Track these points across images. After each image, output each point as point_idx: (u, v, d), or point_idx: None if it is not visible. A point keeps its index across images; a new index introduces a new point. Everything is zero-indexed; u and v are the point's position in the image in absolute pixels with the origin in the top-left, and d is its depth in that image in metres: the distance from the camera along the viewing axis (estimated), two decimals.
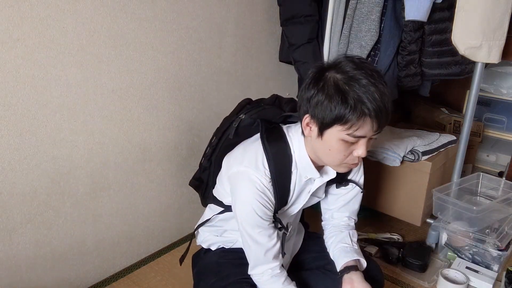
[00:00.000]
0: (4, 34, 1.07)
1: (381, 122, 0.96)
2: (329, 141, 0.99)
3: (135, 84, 1.41)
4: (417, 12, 1.51)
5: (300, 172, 1.11)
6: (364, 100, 0.93)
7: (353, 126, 0.95)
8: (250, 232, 1.09)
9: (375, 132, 0.98)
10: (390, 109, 0.97)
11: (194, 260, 1.35)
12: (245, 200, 1.06)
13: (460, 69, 1.66)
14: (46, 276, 1.34)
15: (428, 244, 1.69)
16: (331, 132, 0.98)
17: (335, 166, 1.06)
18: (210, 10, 1.59)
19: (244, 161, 1.08)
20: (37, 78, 1.16)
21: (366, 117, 0.94)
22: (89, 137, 1.33)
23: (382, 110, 0.94)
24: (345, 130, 0.96)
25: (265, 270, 1.11)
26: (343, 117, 0.94)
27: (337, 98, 0.94)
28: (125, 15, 1.32)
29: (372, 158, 1.74)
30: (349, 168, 1.07)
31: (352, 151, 1.00)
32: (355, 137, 0.96)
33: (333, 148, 1.00)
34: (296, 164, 1.11)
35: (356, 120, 0.94)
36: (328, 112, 0.95)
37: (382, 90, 0.95)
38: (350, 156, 1.01)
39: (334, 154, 1.01)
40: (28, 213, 1.24)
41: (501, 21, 1.42)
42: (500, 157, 2.20)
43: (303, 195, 1.18)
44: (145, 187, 1.56)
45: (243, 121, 1.16)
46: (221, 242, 1.29)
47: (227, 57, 1.72)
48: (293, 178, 1.11)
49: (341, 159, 1.01)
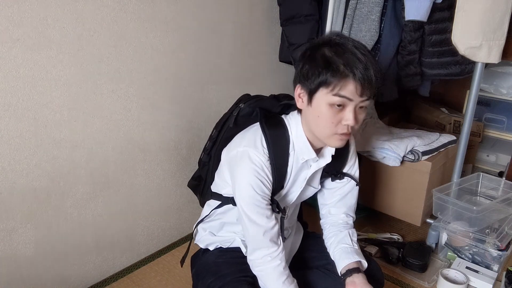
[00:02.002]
0: (4, 34, 1.07)
1: (365, 85, 0.99)
2: (318, 107, 1.03)
3: (135, 84, 1.41)
4: (417, 12, 1.51)
5: (297, 154, 1.13)
6: (346, 62, 0.99)
7: (336, 86, 0.99)
8: (248, 212, 1.09)
9: (361, 97, 1.01)
10: (377, 77, 1.01)
11: (192, 261, 1.35)
12: (244, 178, 1.09)
13: (460, 69, 1.66)
14: (46, 275, 1.34)
15: (428, 244, 1.69)
16: (319, 97, 1.02)
17: (326, 137, 1.07)
18: (210, 10, 1.59)
19: (243, 142, 1.11)
20: (37, 78, 1.16)
21: (348, 78, 0.99)
22: (89, 137, 1.33)
23: (365, 73, 0.98)
24: (330, 92, 1.00)
25: (264, 255, 1.11)
26: (327, 79, 1.00)
27: (322, 63, 1.00)
28: (125, 15, 1.32)
29: (372, 158, 1.74)
30: (340, 140, 1.07)
31: (341, 119, 1.03)
32: (340, 96, 1.00)
33: (322, 114, 1.03)
34: (293, 146, 1.13)
35: (338, 81, 0.99)
36: (315, 77, 1.01)
37: (367, 56, 1.01)
38: (339, 125, 1.03)
39: (324, 122, 1.04)
40: (28, 213, 1.24)
41: (501, 21, 1.41)
42: (500, 157, 2.19)
43: (299, 181, 1.18)
44: (145, 187, 1.56)
45: (242, 110, 1.19)
46: (218, 242, 1.29)
47: (226, 56, 1.72)
48: (290, 160, 1.13)
49: (331, 127, 1.04)
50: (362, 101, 1.02)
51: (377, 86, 1.03)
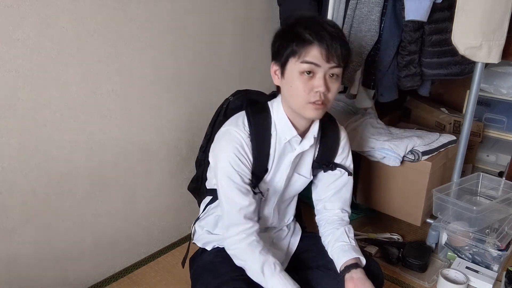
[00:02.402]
0: (4, 34, 1.07)
1: (330, 50, 1.04)
2: (290, 77, 1.08)
3: (134, 84, 1.41)
4: (417, 12, 1.51)
5: (279, 134, 1.16)
6: (311, 31, 1.04)
7: (302, 54, 1.04)
8: (225, 188, 1.12)
9: (328, 63, 1.05)
10: (343, 45, 1.06)
11: (191, 262, 1.36)
12: (223, 154, 1.12)
13: (460, 69, 1.66)
14: (46, 275, 1.34)
15: (428, 244, 1.69)
16: (289, 68, 1.07)
17: (301, 108, 1.09)
18: (210, 10, 1.59)
19: (226, 125, 1.15)
20: (37, 79, 1.16)
21: (313, 44, 1.04)
22: (89, 137, 1.33)
23: (329, 39, 1.03)
24: (297, 60, 1.05)
25: (240, 231, 1.12)
26: (293, 49, 1.05)
27: (290, 36, 1.07)
28: (124, 15, 1.32)
29: (372, 158, 1.74)
30: (315, 110, 1.08)
31: (312, 87, 1.06)
32: (307, 63, 1.04)
33: (294, 84, 1.07)
34: (275, 126, 1.16)
35: (304, 48, 1.04)
36: (284, 50, 1.07)
37: (334, 28, 1.07)
38: (311, 93, 1.06)
39: (296, 91, 1.07)
40: (28, 213, 1.24)
41: (501, 21, 1.41)
42: (500, 157, 2.19)
43: (284, 165, 1.19)
44: (145, 187, 1.56)
45: (232, 103, 1.25)
46: (215, 241, 1.30)
47: (226, 56, 1.72)
48: (272, 141, 1.15)
49: (303, 95, 1.07)
50: (330, 68, 1.06)
51: (345, 55, 1.07)
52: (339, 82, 1.11)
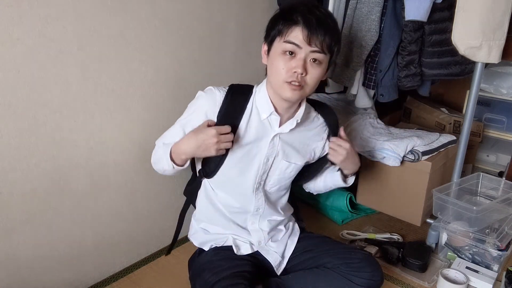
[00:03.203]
0: (4, 33, 1.07)
1: (313, 32, 1.06)
2: (274, 55, 1.12)
3: (135, 84, 1.41)
4: (417, 12, 1.51)
5: (259, 109, 1.20)
6: (299, 13, 1.08)
7: (285, 33, 1.09)
8: (176, 122, 1.25)
9: (310, 46, 1.07)
10: (328, 30, 1.08)
11: (189, 264, 1.36)
12: (194, 100, 1.25)
13: (460, 69, 1.66)
14: (46, 276, 1.34)
15: (428, 244, 1.69)
16: (275, 46, 1.12)
17: (279, 87, 1.12)
18: (211, 9, 1.59)
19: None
20: (37, 78, 1.16)
21: (297, 24, 1.07)
22: (89, 136, 1.33)
23: (314, 21, 1.06)
24: (281, 39, 1.10)
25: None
26: (279, 28, 1.10)
27: (279, 17, 1.12)
28: (125, 15, 1.32)
29: (372, 158, 1.74)
30: (291, 91, 1.11)
31: (291, 68, 1.09)
32: (289, 42, 1.08)
33: (275, 61, 1.11)
34: (255, 103, 1.20)
35: (288, 27, 1.08)
36: (272, 30, 1.13)
37: (324, 13, 1.10)
38: (289, 72, 1.09)
39: (275, 69, 1.11)
40: (28, 213, 1.24)
41: (501, 21, 1.41)
42: (500, 157, 2.20)
43: (263, 141, 1.22)
44: (145, 187, 1.56)
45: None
46: (213, 241, 1.30)
47: (227, 56, 1.72)
48: (247, 112, 1.19)
49: (281, 73, 1.10)
50: (312, 52, 1.08)
51: (330, 43, 1.09)
52: (321, 68, 1.12)
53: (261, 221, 1.32)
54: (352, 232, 1.76)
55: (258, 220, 1.32)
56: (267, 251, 1.32)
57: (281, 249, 1.34)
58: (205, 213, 1.35)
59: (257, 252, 1.32)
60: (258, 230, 1.32)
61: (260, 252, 1.32)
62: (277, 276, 1.33)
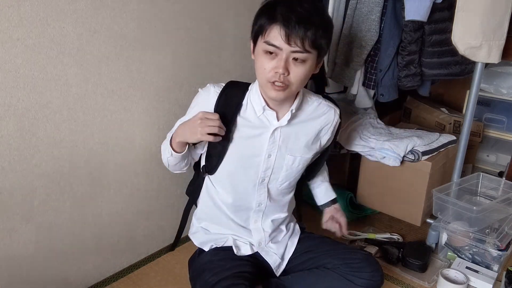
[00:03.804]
0: (4, 34, 1.07)
1: (290, 31, 1.02)
2: (257, 55, 1.11)
3: (135, 84, 1.41)
4: (417, 12, 1.51)
5: (253, 105, 1.20)
6: (279, 9, 1.04)
7: (266, 32, 1.06)
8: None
9: (290, 46, 1.04)
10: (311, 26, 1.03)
11: (189, 263, 1.36)
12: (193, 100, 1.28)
13: (460, 69, 1.66)
14: (46, 276, 1.34)
15: (428, 244, 1.69)
16: (258, 45, 1.10)
17: (264, 86, 1.12)
18: (210, 10, 1.59)
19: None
20: (37, 78, 1.16)
21: (276, 23, 1.04)
22: (89, 137, 1.33)
23: (292, 19, 1.02)
24: (262, 39, 1.07)
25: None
26: (260, 25, 1.08)
27: (261, 12, 1.10)
28: (125, 15, 1.32)
29: (372, 158, 1.74)
30: (275, 91, 1.10)
31: (273, 67, 1.07)
32: (269, 44, 1.05)
33: (258, 61, 1.10)
34: (249, 98, 1.21)
35: (268, 26, 1.05)
36: (254, 26, 1.11)
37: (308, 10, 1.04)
38: (271, 72, 1.07)
39: (259, 69, 1.10)
40: (28, 213, 1.24)
41: (501, 21, 1.42)
42: (500, 157, 2.20)
43: (263, 136, 1.21)
44: (145, 187, 1.56)
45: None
46: (213, 241, 1.30)
47: (227, 56, 1.72)
48: (243, 108, 1.21)
49: (264, 73, 1.09)
50: (293, 52, 1.05)
51: (313, 40, 1.04)
52: (305, 66, 1.08)
53: (264, 219, 1.31)
54: (352, 232, 1.76)
55: (261, 218, 1.31)
56: (266, 252, 1.32)
57: (281, 250, 1.33)
58: (206, 211, 1.35)
59: (257, 253, 1.32)
60: (260, 229, 1.31)
61: (260, 253, 1.32)
62: (276, 276, 1.33)
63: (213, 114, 1.15)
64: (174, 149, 1.21)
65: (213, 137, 1.14)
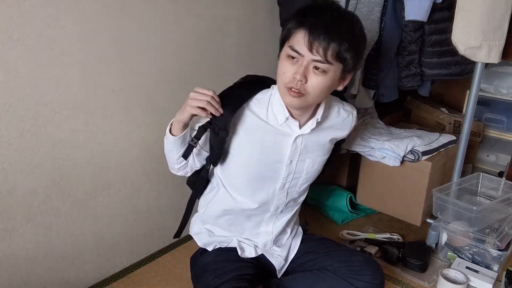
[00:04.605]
0: (4, 34, 1.07)
1: (314, 38, 1.00)
2: (281, 59, 1.09)
3: (136, 84, 1.41)
4: (417, 12, 1.51)
5: (275, 113, 1.16)
6: (305, 13, 1.04)
7: (291, 36, 1.04)
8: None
9: (311, 53, 1.01)
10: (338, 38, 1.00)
11: (191, 262, 1.36)
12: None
13: (460, 69, 1.66)
14: (46, 276, 1.34)
15: (428, 244, 1.69)
16: (283, 50, 1.08)
17: (282, 91, 1.09)
18: (212, 10, 1.59)
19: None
20: (37, 79, 1.16)
21: (301, 28, 1.02)
22: (89, 137, 1.33)
23: (316, 27, 1.00)
24: (287, 43, 1.06)
25: None
26: (287, 30, 1.06)
27: (292, 16, 1.07)
28: (126, 15, 1.32)
29: (372, 158, 1.74)
30: (290, 96, 1.07)
31: (292, 72, 1.04)
32: (292, 49, 1.03)
33: (280, 65, 1.08)
34: (272, 105, 1.16)
35: (294, 29, 1.04)
36: (284, 30, 1.09)
37: (336, 18, 1.02)
38: (290, 77, 1.05)
39: (280, 73, 1.08)
40: (28, 213, 1.24)
41: (501, 21, 1.41)
42: (500, 157, 2.20)
43: (285, 143, 1.19)
44: (145, 187, 1.56)
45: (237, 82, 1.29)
46: (217, 242, 1.30)
47: (228, 57, 1.72)
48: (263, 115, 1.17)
49: (283, 77, 1.06)
50: (314, 61, 1.02)
51: (338, 52, 1.01)
52: (325, 77, 1.04)
53: (276, 222, 1.30)
54: (352, 232, 1.76)
55: (273, 220, 1.30)
56: (271, 255, 1.32)
57: (284, 253, 1.33)
58: (213, 217, 1.32)
59: (261, 255, 1.31)
60: (269, 232, 1.30)
61: (264, 255, 1.32)
62: (277, 277, 1.33)
63: (207, 90, 1.12)
64: (171, 133, 1.18)
65: (203, 111, 1.11)
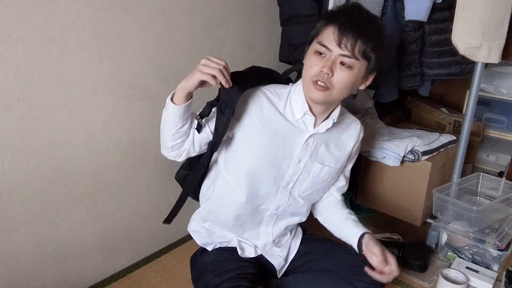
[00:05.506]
0: (4, 34, 1.07)
1: (343, 33, 1.03)
2: (308, 55, 1.11)
3: (135, 84, 1.41)
4: (417, 12, 1.51)
5: (293, 109, 1.17)
6: (337, 12, 1.09)
7: (320, 32, 1.08)
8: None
9: (340, 48, 1.04)
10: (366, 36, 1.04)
11: (192, 262, 1.35)
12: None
13: (460, 69, 1.66)
14: (46, 276, 1.34)
15: (428, 244, 1.69)
16: (311, 46, 1.11)
17: (307, 85, 1.11)
18: (211, 10, 1.59)
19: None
20: (37, 78, 1.16)
21: (331, 24, 1.06)
22: (89, 137, 1.33)
23: (346, 23, 1.04)
24: (316, 39, 1.09)
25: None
26: (317, 28, 1.10)
27: (322, 19, 1.11)
28: (125, 15, 1.32)
29: (372, 158, 1.74)
30: (315, 90, 1.08)
31: (319, 66, 1.06)
32: (321, 44, 1.06)
33: (307, 60, 1.10)
34: (290, 100, 1.17)
35: (323, 27, 1.08)
36: (312, 32, 1.12)
37: (364, 17, 1.08)
38: (317, 71, 1.07)
39: (307, 68, 1.10)
40: (28, 213, 1.24)
41: (501, 21, 1.42)
42: (500, 157, 2.20)
43: (296, 141, 1.18)
44: (145, 187, 1.56)
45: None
46: (217, 241, 1.29)
47: (227, 57, 1.71)
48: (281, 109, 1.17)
49: (309, 71, 1.08)
50: (342, 55, 1.05)
51: (364, 49, 1.04)
52: (350, 73, 1.07)
53: (276, 223, 1.29)
54: None
55: (273, 221, 1.28)
56: (271, 255, 1.31)
57: (284, 253, 1.33)
58: (214, 212, 1.30)
59: (261, 255, 1.31)
60: (269, 233, 1.29)
61: (263, 256, 1.31)
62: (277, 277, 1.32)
63: (220, 59, 1.11)
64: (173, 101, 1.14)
65: (213, 79, 1.09)
